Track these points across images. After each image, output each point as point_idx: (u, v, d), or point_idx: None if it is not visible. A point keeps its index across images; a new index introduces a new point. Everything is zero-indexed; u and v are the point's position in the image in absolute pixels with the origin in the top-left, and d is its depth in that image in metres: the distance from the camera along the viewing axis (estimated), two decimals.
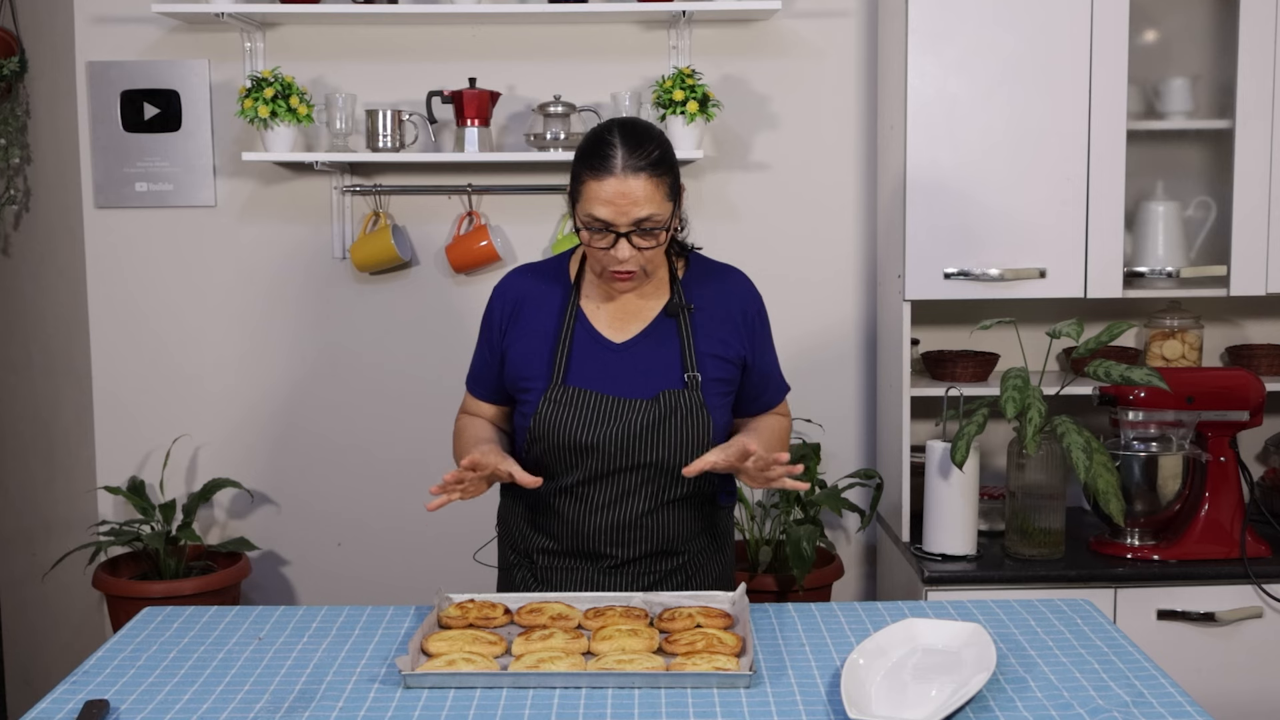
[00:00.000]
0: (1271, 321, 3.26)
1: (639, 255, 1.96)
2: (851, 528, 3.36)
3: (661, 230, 1.96)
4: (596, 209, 1.92)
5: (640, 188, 1.91)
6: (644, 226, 1.93)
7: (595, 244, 1.96)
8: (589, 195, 1.93)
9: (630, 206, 1.91)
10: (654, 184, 1.93)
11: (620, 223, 1.92)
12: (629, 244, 1.94)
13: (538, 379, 2.06)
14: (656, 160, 1.94)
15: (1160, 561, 2.73)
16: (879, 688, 1.64)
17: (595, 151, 1.94)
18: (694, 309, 2.08)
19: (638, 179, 1.92)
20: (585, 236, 1.97)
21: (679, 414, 2.02)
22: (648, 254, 1.97)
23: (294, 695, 1.65)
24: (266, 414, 3.30)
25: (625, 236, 1.93)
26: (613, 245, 1.94)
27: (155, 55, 3.20)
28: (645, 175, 1.92)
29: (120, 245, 3.25)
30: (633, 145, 1.94)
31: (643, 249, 1.95)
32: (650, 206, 1.92)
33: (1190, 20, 3.07)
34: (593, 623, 1.85)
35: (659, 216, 1.94)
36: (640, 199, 1.91)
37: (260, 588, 3.33)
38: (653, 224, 1.94)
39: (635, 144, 1.94)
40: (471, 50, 3.19)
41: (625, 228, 1.93)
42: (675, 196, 1.99)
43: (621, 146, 1.93)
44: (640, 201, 1.91)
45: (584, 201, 1.94)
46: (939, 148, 2.83)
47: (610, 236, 1.94)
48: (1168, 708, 1.60)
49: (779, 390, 2.22)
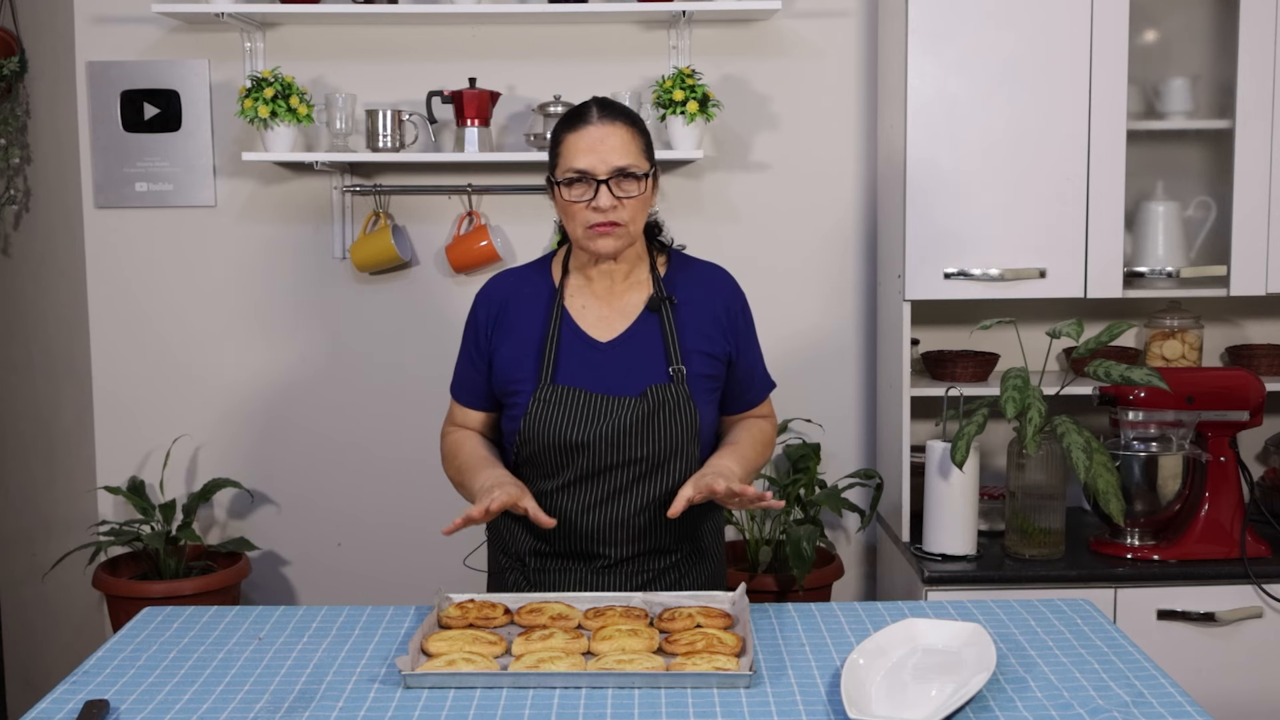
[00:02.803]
0: (1271, 321, 3.26)
1: (621, 207, 2.00)
2: (851, 528, 3.36)
3: (641, 179, 2.01)
4: (576, 159, 2.00)
5: (617, 134, 2.00)
6: (623, 174, 1.99)
7: (575, 198, 2.00)
8: (567, 149, 2.02)
9: (609, 153, 1.99)
10: (629, 135, 2.02)
11: (599, 169, 1.99)
12: (609, 192, 1.98)
13: (526, 380, 2.07)
14: (631, 117, 2.05)
15: (1160, 561, 2.74)
16: (879, 688, 1.64)
17: (572, 114, 2.06)
18: (676, 302, 2.10)
19: (614, 126, 2.01)
20: (566, 194, 2.01)
21: (666, 408, 2.03)
22: (629, 206, 2.01)
23: (294, 695, 1.65)
24: (266, 414, 3.30)
25: (605, 184, 1.98)
26: (594, 195, 1.99)
27: (155, 55, 3.20)
28: (621, 124, 2.02)
29: (120, 245, 3.25)
30: (606, 104, 2.06)
31: (622, 199, 1.99)
32: (627, 156, 2.00)
33: (1190, 20, 3.07)
34: (593, 623, 1.85)
35: (635, 165, 2.01)
36: (617, 146, 2.00)
37: (260, 588, 3.34)
38: (630, 170, 2.00)
39: (608, 104, 2.06)
40: (471, 50, 3.19)
41: (605, 174, 1.98)
42: (650, 159, 2.06)
43: (596, 106, 2.05)
44: (617, 149, 1.99)
45: (563, 159, 2.02)
46: (939, 148, 2.83)
47: (591, 187, 1.99)
48: (1168, 708, 1.60)
49: (764, 387, 2.23)
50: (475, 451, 2.12)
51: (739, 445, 2.11)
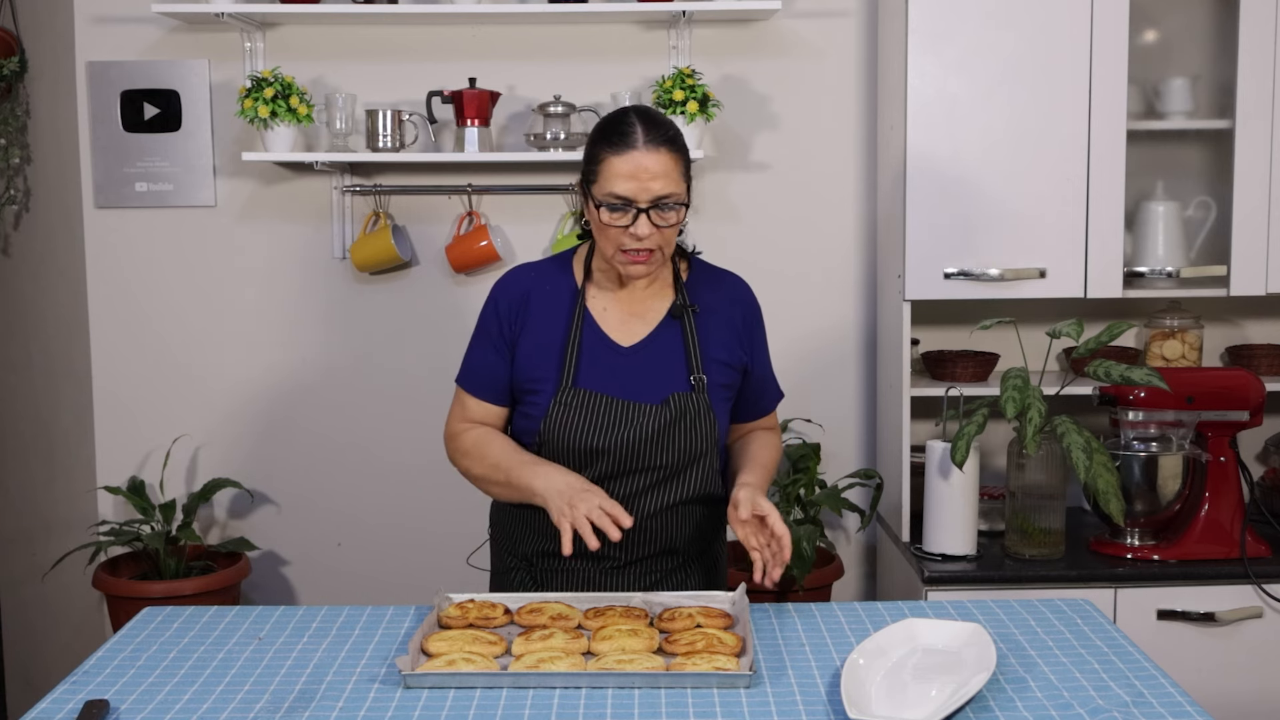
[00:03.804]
0: (1271, 321, 3.26)
1: (657, 234, 1.97)
2: (851, 528, 3.36)
3: (679, 208, 1.98)
4: (618, 185, 1.94)
5: (660, 163, 1.95)
6: (663, 203, 1.95)
7: (614, 223, 1.97)
8: (610, 172, 1.95)
9: (651, 181, 1.94)
10: (672, 161, 1.97)
11: (641, 198, 1.94)
12: (648, 221, 1.95)
13: (547, 380, 2.05)
14: (674, 138, 1.99)
15: (1160, 561, 2.73)
16: (879, 688, 1.64)
17: (615, 130, 1.98)
18: (698, 310, 2.09)
19: (658, 154, 1.95)
20: (604, 216, 1.97)
21: (687, 417, 2.03)
22: (665, 233, 1.98)
23: (294, 695, 1.65)
24: (266, 414, 3.30)
25: (645, 213, 1.95)
26: (633, 223, 1.95)
27: (155, 55, 3.20)
28: (665, 151, 1.96)
29: (120, 245, 3.25)
30: (651, 124, 1.98)
31: (661, 227, 1.97)
32: (669, 184, 1.95)
33: (1190, 20, 3.07)
34: (593, 623, 1.85)
35: (677, 195, 1.97)
36: (660, 174, 1.94)
37: (260, 588, 3.33)
38: (671, 201, 1.96)
39: (653, 123, 1.98)
40: (471, 50, 3.19)
41: (645, 203, 1.94)
42: (688, 180, 2.02)
43: (640, 125, 1.97)
44: (660, 176, 1.94)
45: (603, 179, 1.96)
46: (939, 147, 2.83)
47: (630, 214, 1.95)
48: (1168, 708, 1.60)
49: (774, 396, 2.23)
50: (511, 448, 2.06)
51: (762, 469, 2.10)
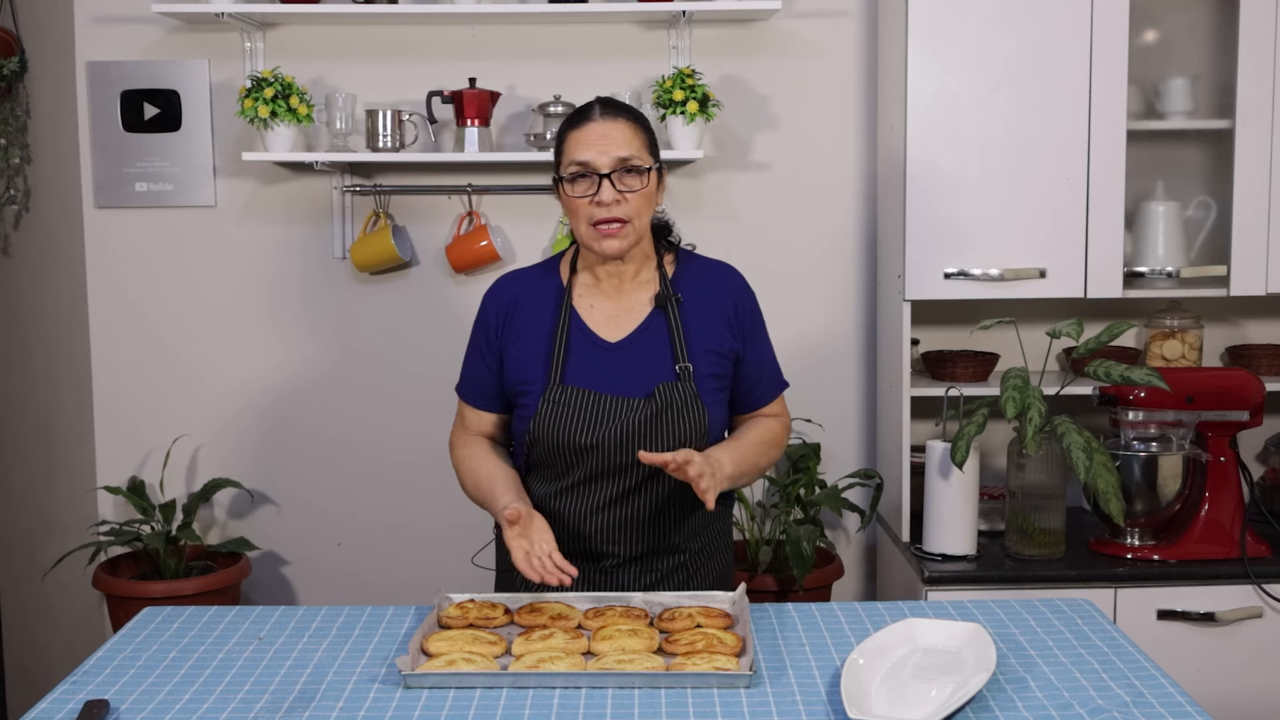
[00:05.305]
0: (1271, 321, 3.26)
1: (625, 203, 1.99)
2: (851, 528, 3.36)
3: (644, 173, 2.01)
4: (578, 153, 2.00)
5: (619, 129, 2.00)
6: (626, 166, 1.99)
7: (579, 194, 2.00)
8: (570, 145, 2.02)
9: (610, 146, 1.99)
10: (632, 130, 2.02)
11: (601, 163, 1.98)
12: (612, 186, 1.98)
13: (536, 380, 2.06)
14: (634, 115, 2.06)
15: (1160, 561, 2.74)
16: (879, 688, 1.64)
17: (574, 113, 2.07)
18: (682, 300, 2.09)
19: (616, 122, 2.01)
20: (569, 190, 2.01)
21: (674, 408, 2.03)
22: (632, 201, 2.00)
23: (294, 695, 1.65)
24: (266, 414, 3.30)
25: (608, 177, 1.98)
26: (597, 190, 1.98)
27: (155, 55, 3.20)
28: (623, 120, 2.02)
29: (120, 245, 3.25)
30: (608, 102, 2.07)
31: (624, 193, 1.99)
32: (630, 148, 2.00)
33: (1190, 20, 3.07)
34: (593, 623, 1.85)
35: (638, 160, 2.01)
36: (619, 140, 2.00)
37: (260, 588, 3.34)
38: (634, 164, 2.00)
39: (611, 101, 2.07)
40: (471, 50, 3.19)
41: (607, 167, 1.98)
42: (655, 155, 2.06)
43: (598, 103, 2.06)
44: (620, 143, 2.00)
45: (566, 154, 2.03)
46: (939, 148, 2.83)
47: (593, 181, 1.99)
48: (1168, 708, 1.60)
49: (773, 386, 2.21)
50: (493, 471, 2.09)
51: (739, 442, 2.11)
